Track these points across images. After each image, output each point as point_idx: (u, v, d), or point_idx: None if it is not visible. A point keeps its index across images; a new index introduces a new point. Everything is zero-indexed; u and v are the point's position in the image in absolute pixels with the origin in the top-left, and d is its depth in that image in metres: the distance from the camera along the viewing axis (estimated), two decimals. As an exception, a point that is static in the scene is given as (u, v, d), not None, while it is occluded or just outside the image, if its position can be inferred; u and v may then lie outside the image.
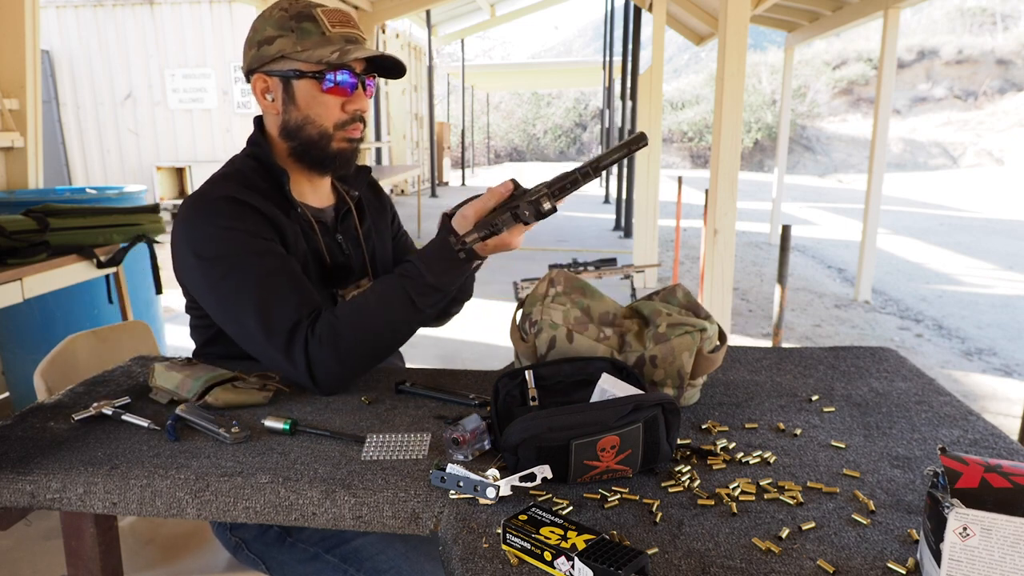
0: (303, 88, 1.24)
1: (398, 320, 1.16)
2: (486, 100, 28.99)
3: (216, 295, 1.19)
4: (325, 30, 1.22)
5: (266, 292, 1.16)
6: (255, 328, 1.16)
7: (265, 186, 1.27)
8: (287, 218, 1.26)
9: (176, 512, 0.93)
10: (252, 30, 1.26)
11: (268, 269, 1.17)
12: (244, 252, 1.17)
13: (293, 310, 1.15)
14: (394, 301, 1.15)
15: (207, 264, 1.18)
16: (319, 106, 1.24)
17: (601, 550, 0.71)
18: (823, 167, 26.08)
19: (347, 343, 1.14)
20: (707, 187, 2.99)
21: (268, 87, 1.26)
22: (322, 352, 1.13)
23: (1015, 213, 12.70)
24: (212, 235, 1.18)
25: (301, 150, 1.28)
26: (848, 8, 6.37)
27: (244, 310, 1.16)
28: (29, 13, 3.03)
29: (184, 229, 1.21)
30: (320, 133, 1.26)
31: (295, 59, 1.22)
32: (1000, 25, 30.33)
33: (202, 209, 1.20)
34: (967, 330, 5.14)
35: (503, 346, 4.26)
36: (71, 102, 9.27)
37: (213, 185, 1.24)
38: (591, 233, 9.18)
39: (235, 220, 1.19)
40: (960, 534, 0.63)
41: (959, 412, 1.12)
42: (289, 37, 1.21)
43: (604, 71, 11.39)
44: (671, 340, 1.09)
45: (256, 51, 1.24)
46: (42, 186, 3.22)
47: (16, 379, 3.06)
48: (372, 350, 1.18)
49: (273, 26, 1.22)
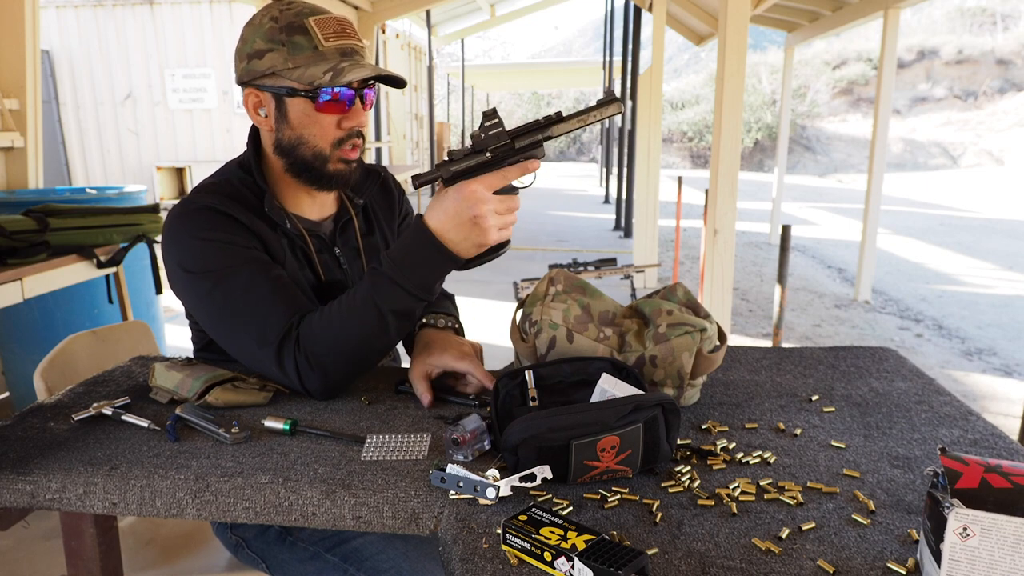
0: (296, 106, 1.17)
1: (371, 336, 1.11)
2: (486, 100, 28.99)
3: (205, 308, 1.18)
4: (318, 44, 1.14)
5: (253, 304, 1.14)
6: (245, 341, 1.15)
7: (252, 198, 1.23)
8: (273, 232, 1.23)
9: (176, 512, 0.93)
10: (242, 39, 1.19)
11: (254, 280, 1.15)
12: (228, 264, 1.15)
13: (281, 320, 1.13)
14: (366, 317, 1.10)
15: (194, 277, 1.16)
16: (313, 125, 1.18)
17: (601, 550, 0.71)
18: (823, 167, 26.07)
19: (326, 359, 1.12)
20: (707, 187, 2.99)
21: (260, 102, 1.20)
22: (307, 366, 1.12)
23: (1015, 213, 12.70)
24: (196, 247, 1.16)
25: (297, 169, 1.22)
26: (848, 8, 6.37)
27: (233, 323, 1.15)
28: (29, 13, 3.03)
29: (170, 241, 1.19)
30: (315, 154, 1.20)
31: (286, 77, 1.15)
32: (1000, 25, 30.33)
33: (185, 220, 1.18)
34: (967, 330, 5.14)
35: (503, 346, 4.25)
36: (71, 102, 9.26)
37: (197, 195, 1.21)
38: (591, 233, 9.18)
39: (217, 231, 1.16)
40: (960, 534, 0.63)
41: (959, 412, 1.12)
42: (280, 52, 1.14)
43: (604, 71, 11.38)
44: (671, 340, 1.09)
45: (246, 64, 1.18)
46: (42, 186, 3.22)
47: (16, 379, 3.06)
48: (351, 365, 1.14)
49: (263, 38, 1.15)
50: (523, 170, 1.06)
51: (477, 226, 1.05)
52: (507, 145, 1.05)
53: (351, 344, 1.11)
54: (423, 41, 13.58)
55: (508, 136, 1.05)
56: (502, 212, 1.06)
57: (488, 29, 18.71)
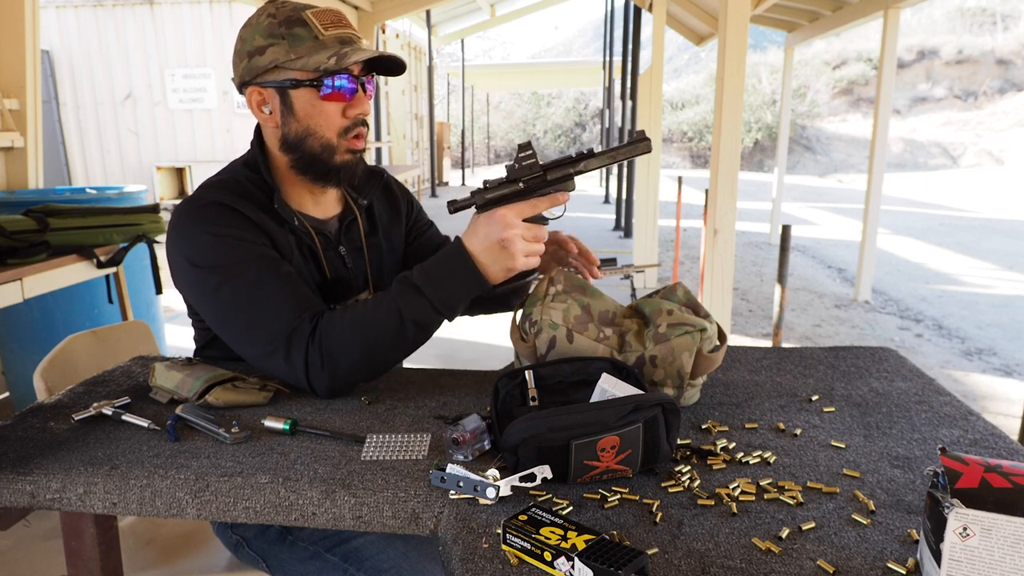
0: (301, 97, 1.18)
1: (388, 340, 1.13)
2: (486, 100, 28.99)
3: (212, 304, 1.18)
4: (318, 34, 1.16)
5: (262, 299, 1.14)
6: (253, 336, 1.15)
7: (259, 195, 1.24)
8: (280, 228, 1.23)
9: (176, 512, 0.93)
10: (240, 40, 1.20)
11: (263, 276, 1.15)
12: (237, 259, 1.15)
13: (291, 315, 1.13)
14: (386, 321, 1.12)
15: (202, 273, 1.16)
16: (319, 115, 1.19)
17: (601, 550, 0.71)
18: (823, 167, 26.08)
19: (340, 357, 1.12)
20: (707, 187, 2.99)
21: (264, 99, 1.21)
22: (318, 362, 1.12)
23: (1015, 213, 12.70)
24: (204, 242, 1.16)
25: (304, 164, 1.23)
26: (848, 8, 6.37)
27: (241, 319, 1.15)
28: (29, 13, 3.03)
29: (177, 236, 1.19)
30: (323, 145, 1.21)
31: (290, 68, 1.16)
32: (1000, 25, 30.33)
33: (193, 215, 1.18)
34: (967, 330, 5.14)
35: (503, 346, 4.26)
36: (71, 102, 9.26)
37: (205, 190, 1.22)
38: (591, 233, 9.18)
39: (226, 226, 1.16)
40: (960, 534, 0.63)
41: (959, 412, 1.12)
42: (281, 45, 1.15)
43: (604, 71, 11.38)
44: (671, 340, 1.09)
45: (248, 62, 1.18)
46: (42, 186, 3.22)
47: (16, 379, 3.06)
48: (365, 368, 1.16)
49: (262, 34, 1.16)
50: (553, 201, 1.12)
51: (505, 250, 1.09)
52: (539, 177, 1.11)
53: (366, 345, 1.12)
54: (423, 41, 13.59)
55: (541, 168, 1.11)
56: (529, 239, 1.11)
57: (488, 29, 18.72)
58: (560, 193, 1.11)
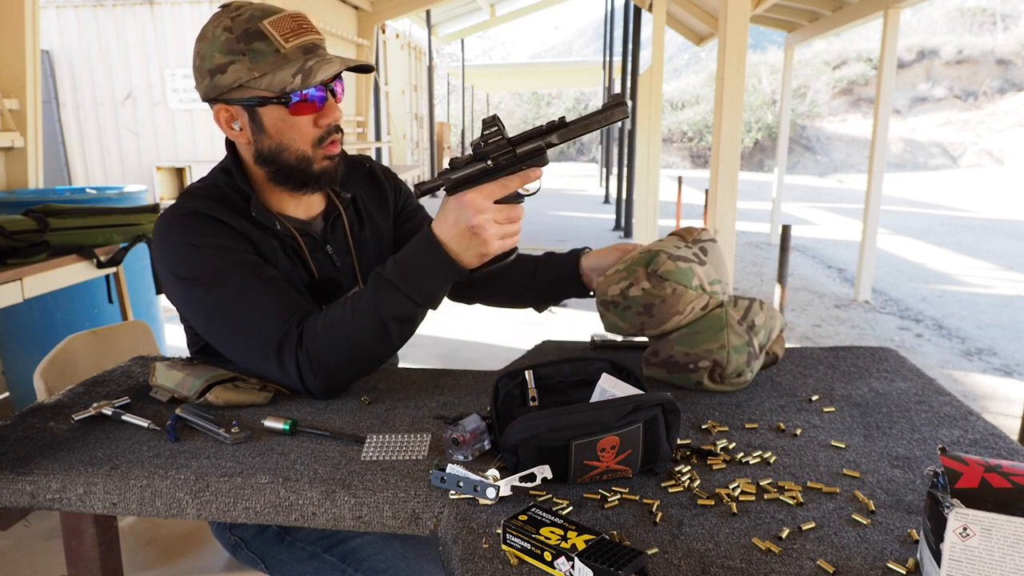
0: (270, 114, 1.15)
1: (371, 340, 1.12)
2: (486, 100, 28.98)
3: (200, 314, 1.18)
4: (279, 47, 1.11)
5: (248, 306, 1.13)
6: (243, 343, 1.15)
7: (240, 201, 1.22)
8: (262, 233, 1.22)
9: (176, 512, 0.93)
10: (198, 56, 1.14)
11: (246, 283, 1.14)
12: (219, 268, 1.14)
13: (279, 320, 1.13)
14: (367, 322, 1.10)
15: (187, 284, 1.16)
16: (291, 130, 1.16)
17: (601, 550, 0.71)
18: (823, 167, 26.08)
19: (328, 360, 1.12)
20: (707, 187, 2.99)
21: (232, 116, 1.17)
22: (308, 367, 1.12)
23: (1015, 213, 12.70)
24: (186, 253, 1.15)
25: (282, 176, 1.20)
26: (848, 8, 6.37)
27: (229, 327, 1.15)
28: (29, 13, 3.03)
29: (160, 247, 1.18)
30: (299, 157, 1.18)
31: (254, 87, 1.12)
32: (1000, 25, 30.33)
33: (174, 226, 1.17)
34: (967, 330, 5.14)
35: (503, 346, 4.26)
36: (71, 102, 9.25)
37: (184, 200, 1.20)
38: (591, 233, 9.18)
39: (206, 236, 1.15)
40: (960, 534, 0.63)
41: (959, 412, 1.12)
42: (242, 62, 1.10)
43: (604, 71, 11.39)
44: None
45: (210, 80, 1.14)
46: (42, 186, 3.22)
47: (16, 379, 3.06)
48: (355, 368, 1.16)
49: (220, 51, 1.11)
50: (524, 179, 1.04)
51: (477, 236, 1.04)
52: (508, 152, 1.04)
53: (351, 346, 1.12)
54: (423, 41, 13.58)
55: (509, 143, 1.04)
56: (502, 221, 1.05)
57: (488, 29, 18.71)
58: (532, 169, 1.04)
